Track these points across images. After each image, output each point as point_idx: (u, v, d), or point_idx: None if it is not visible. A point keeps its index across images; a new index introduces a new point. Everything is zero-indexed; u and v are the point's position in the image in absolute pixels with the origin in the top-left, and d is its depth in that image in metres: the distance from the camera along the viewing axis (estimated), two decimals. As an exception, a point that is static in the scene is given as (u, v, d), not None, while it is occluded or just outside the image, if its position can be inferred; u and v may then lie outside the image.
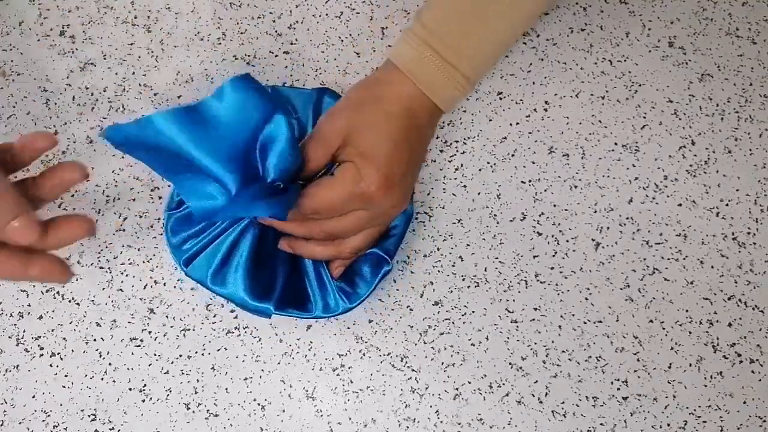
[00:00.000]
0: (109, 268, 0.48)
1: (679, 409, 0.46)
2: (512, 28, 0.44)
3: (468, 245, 0.49)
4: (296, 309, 0.44)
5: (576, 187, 0.50)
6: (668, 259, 0.49)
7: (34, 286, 0.48)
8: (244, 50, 0.53)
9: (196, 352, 0.47)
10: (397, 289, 0.48)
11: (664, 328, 0.48)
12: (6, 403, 0.46)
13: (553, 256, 0.49)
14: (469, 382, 0.46)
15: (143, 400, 0.46)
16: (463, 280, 0.48)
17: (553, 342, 0.47)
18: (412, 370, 0.47)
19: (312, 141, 0.41)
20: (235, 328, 0.47)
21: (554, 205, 0.50)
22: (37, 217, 0.32)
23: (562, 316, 0.48)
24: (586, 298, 0.48)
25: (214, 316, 0.47)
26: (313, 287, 0.45)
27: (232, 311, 0.48)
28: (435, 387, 0.46)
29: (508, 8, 0.42)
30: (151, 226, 0.49)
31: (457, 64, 0.42)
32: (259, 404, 0.46)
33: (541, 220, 0.50)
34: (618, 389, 0.46)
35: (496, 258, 0.49)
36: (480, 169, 0.51)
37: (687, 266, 0.49)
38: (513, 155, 0.51)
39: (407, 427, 0.45)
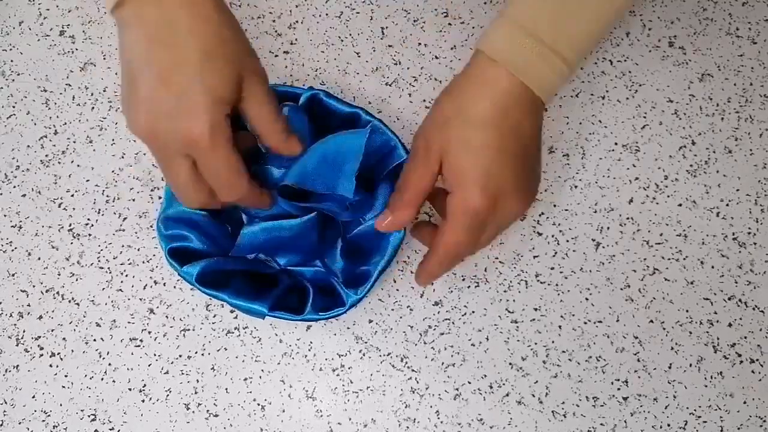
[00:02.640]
0: (109, 268, 0.48)
1: (679, 409, 0.46)
2: (612, 6, 0.38)
3: (468, 245, 0.49)
4: (289, 311, 0.43)
5: (576, 187, 0.50)
6: (668, 259, 0.49)
7: (34, 286, 0.48)
8: (244, 50, 0.53)
9: (196, 352, 0.47)
10: (397, 289, 0.48)
11: (664, 328, 0.48)
12: (6, 403, 0.46)
13: (553, 256, 0.49)
14: (469, 382, 0.46)
15: (143, 400, 0.46)
16: (463, 280, 0.48)
17: (553, 342, 0.47)
18: (412, 370, 0.47)
19: (413, 168, 0.40)
20: (235, 328, 0.47)
21: (554, 205, 0.50)
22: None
23: (562, 316, 0.48)
24: (587, 298, 0.48)
25: (214, 317, 0.47)
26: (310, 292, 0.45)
27: (232, 311, 0.48)
28: (435, 387, 0.46)
29: None
30: (151, 226, 0.49)
31: (554, 45, 0.37)
32: (259, 404, 0.46)
33: (541, 220, 0.50)
34: (618, 389, 0.46)
35: (496, 258, 0.49)
36: (480, 169, 0.51)
37: (687, 266, 0.49)
38: (513, 155, 0.51)
39: (407, 427, 0.45)
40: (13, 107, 0.52)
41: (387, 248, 0.43)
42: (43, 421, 0.46)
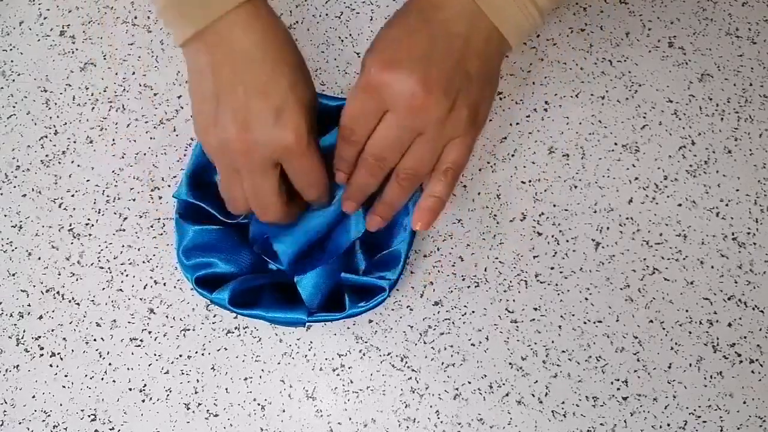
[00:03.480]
0: (109, 268, 0.48)
1: (679, 409, 0.46)
2: None
3: (468, 245, 0.49)
4: (330, 311, 0.43)
5: (576, 187, 0.50)
6: (668, 259, 0.49)
7: (34, 286, 0.48)
8: (244, 50, 0.53)
9: (196, 352, 0.47)
10: (397, 289, 0.48)
11: (664, 328, 0.48)
12: (6, 403, 0.46)
13: (553, 256, 0.49)
14: (469, 382, 0.46)
15: (143, 400, 0.46)
16: (463, 280, 0.48)
17: (553, 342, 0.47)
18: (412, 370, 0.47)
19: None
20: (235, 328, 0.47)
21: (554, 205, 0.50)
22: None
23: (562, 316, 0.48)
24: (586, 298, 0.48)
25: (214, 316, 0.48)
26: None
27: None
28: (435, 387, 0.46)
29: None
30: (151, 226, 0.49)
31: None
32: (259, 404, 0.46)
33: (541, 220, 0.50)
34: (618, 389, 0.46)
35: (496, 258, 0.49)
36: (480, 169, 0.51)
37: (687, 266, 0.49)
38: (513, 155, 0.51)
39: (407, 427, 0.45)
40: (14, 107, 0.52)
41: (399, 228, 0.45)
42: (43, 421, 0.46)
